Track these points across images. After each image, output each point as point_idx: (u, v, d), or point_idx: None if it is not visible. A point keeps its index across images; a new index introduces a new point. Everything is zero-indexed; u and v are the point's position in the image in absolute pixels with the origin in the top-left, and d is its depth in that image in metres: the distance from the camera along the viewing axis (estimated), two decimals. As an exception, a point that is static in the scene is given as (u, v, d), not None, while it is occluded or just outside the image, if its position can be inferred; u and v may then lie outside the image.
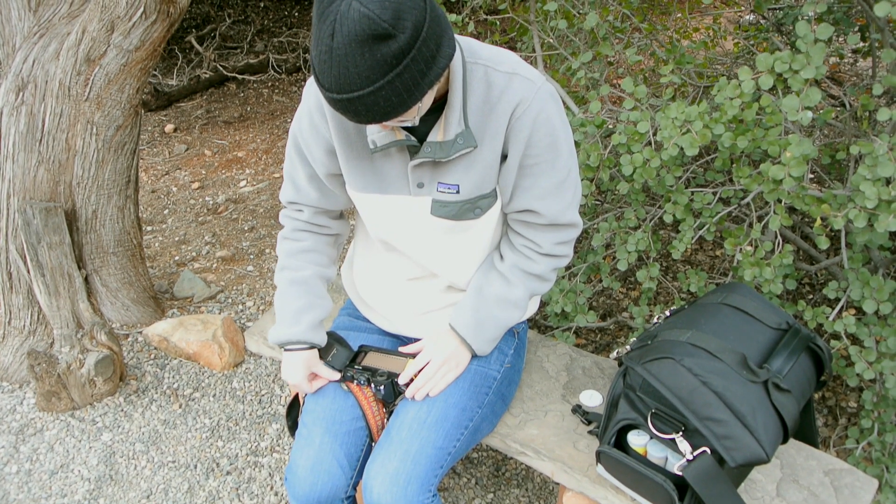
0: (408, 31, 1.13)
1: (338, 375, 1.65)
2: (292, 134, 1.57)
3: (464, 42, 1.41)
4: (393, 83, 1.17)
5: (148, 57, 2.76)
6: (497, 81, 1.39)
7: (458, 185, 1.46)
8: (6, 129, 2.72)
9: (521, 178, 1.48)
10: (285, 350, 1.64)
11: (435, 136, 1.41)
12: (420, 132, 1.43)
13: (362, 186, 1.54)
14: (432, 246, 1.58)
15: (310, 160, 1.57)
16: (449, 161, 1.44)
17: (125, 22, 2.62)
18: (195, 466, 2.45)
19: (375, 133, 1.42)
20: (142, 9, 2.60)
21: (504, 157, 1.47)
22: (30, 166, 2.74)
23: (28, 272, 2.77)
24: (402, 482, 1.46)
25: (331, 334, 1.69)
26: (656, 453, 1.45)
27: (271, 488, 2.35)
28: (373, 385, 1.61)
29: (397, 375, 1.60)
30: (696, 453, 1.38)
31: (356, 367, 1.64)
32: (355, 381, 1.63)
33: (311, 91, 1.51)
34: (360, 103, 1.19)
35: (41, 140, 2.73)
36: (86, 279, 2.90)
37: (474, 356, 1.65)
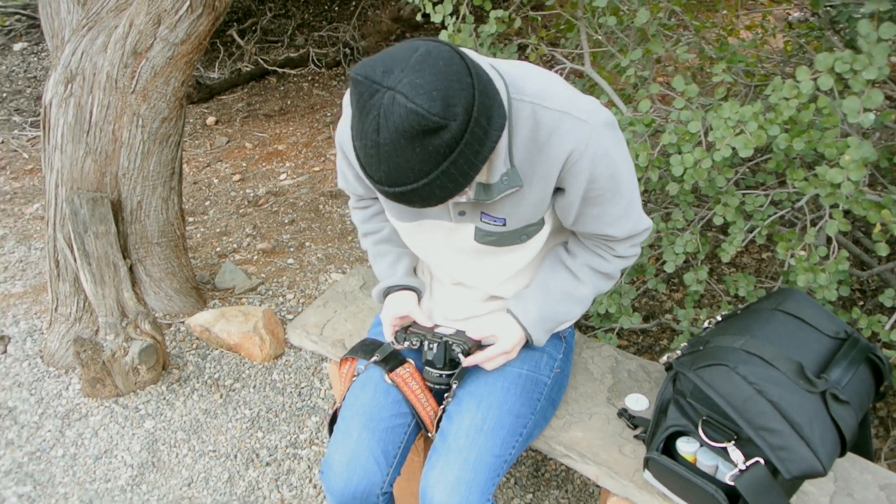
0: (459, 117, 1.08)
1: (430, 322, 1.65)
2: (337, 140, 1.55)
3: (508, 77, 1.31)
4: (447, 171, 1.12)
5: (193, 50, 2.78)
6: (545, 120, 1.30)
7: (506, 220, 1.42)
8: (55, 120, 2.76)
9: (587, 207, 1.41)
10: (388, 296, 1.69)
11: (479, 177, 1.34)
12: None
13: (399, 216, 1.53)
14: (474, 266, 1.56)
15: (354, 167, 1.58)
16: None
17: (171, 15, 2.64)
18: (235, 456, 2.47)
19: None
20: (188, 2, 2.62)
21: (557, 190, 1.41)
22: (77, 157, 2.78)
23: (75, 261, 2.81)
24: (464, 491, 1.44)
25: None
26: (706, 461, 1.42)
27: (310, 480, 2.36)
28: (425, 344, 1.60)
29: (452, 339, 1.58)
30: (748, 463, 1.35)
31: (411, 328, 1.65)
32: (406, 342, 1.63)
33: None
34: (414, 195, 1.15)
35: (88, 131, 2.77)
36: (130, 269, 2.94)
37: (526, 347, 1.64)
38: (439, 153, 1.09)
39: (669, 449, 1.49)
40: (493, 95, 1.16)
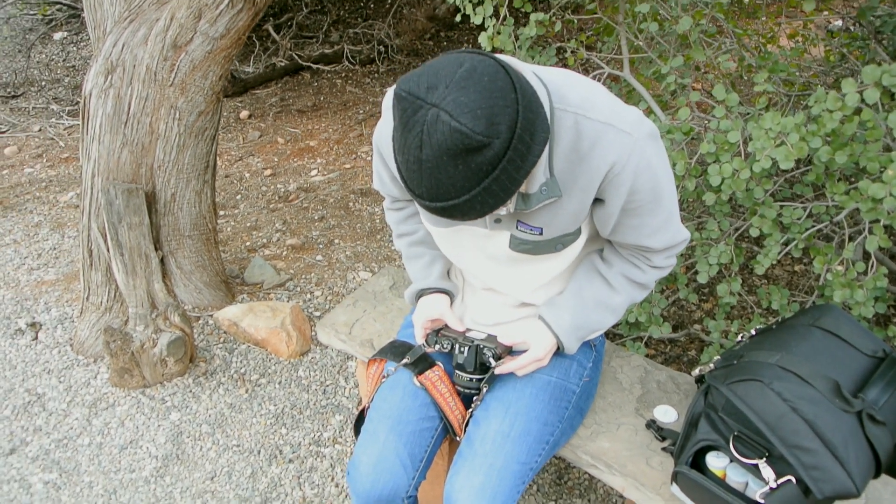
0: (503, 134, 1.07)
1: (462, 326, 1.65)
2: (375, 142, 1.55)
3: (552, 86, 1.30)
4: (489, 188, 1.12)
5: (232, 45, 2.79)
6: (587, 131, 1.29)
7: (542, 229, 1.42)
8: (94, 110, 2.79)
9: (626, 218, 1.40)
10: (421, 298, 1.69)
11: None
12: None
13: (434, 221, 1.53)
14: (507, 273, 1.55)
15: (391, 169, 1.58)
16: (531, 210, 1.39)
17: (212, 10, 2.66)
18: (259, 452, 2.48)
19: None
20: (229, -3, 2.63)
21: (596, 201, 1.40)
22: (114, 148, 2.81)
23: (108, 250, 2.84)
24: (488, 497, 1.43)
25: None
26: (736, 477, 1.40)
27: (332, 479, 2.36)
28: (456, 347, 1.59)
29: (484, 344, 1.57)
30: (780, 481, 1.32)
31: (442, 331, 1.64)
32: (437, 345, 1.62)
33: (390, 112, 1.49)
34: (455, 210, 1.15)
35: (126, 123, 2.80)
36: (161, 260, 2.96)
37: (556, 355, 1.63)
38: (482, 171, 1.09)
39: (698, 463, 1.47)
40: (537, 110, 1.15)
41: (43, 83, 6.37)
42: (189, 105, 2.82)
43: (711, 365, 1.57)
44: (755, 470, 1.36)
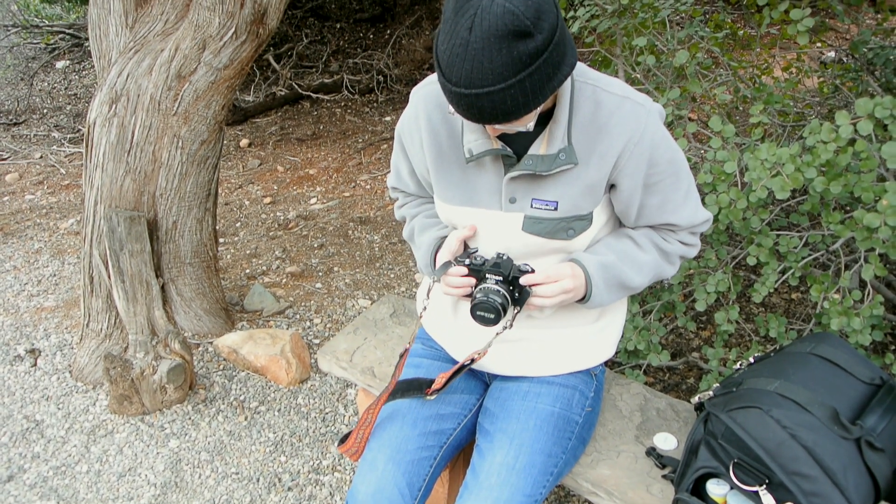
0: (545, 31, 1.15)
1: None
2: (397, 131, 1.61)
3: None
4: (523, 83, 1.18)
5: (235, 76, 2.84)
6: (606, 102, 1.39)
7: (558, 202, 1.44)
8: (98, 139, 2.82)
9: (649, 196, 1.46)
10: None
11: (537, 149, 1.40)
12: (517, 147, 1.43)
13: (450, 198, 1.54)
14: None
15: (410, 159, 1.62)
16: (548, 176, 1.42)
17: (216, 41, 2.71)
18: (258, 480, 2.47)
19: (472, 142, 1.42)
20: (233, 29, 2.68)
21: (612, 187, 1.45)
22: (117, 175, 2.84)
23: (109, 277, 2.85)
24: None
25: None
26: (737, 505, 1.41)
27: (331, 507, 2.36)
28: (494, 255, 1.51)
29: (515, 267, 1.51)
30: (780, 508, 1.33)
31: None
32: (468, 260, 1.51)
33: (417, 97, 1.53)
34: (486, 100, 1.19)
35: (130, 151, 2.83)
36: (162, 287, 2.98)
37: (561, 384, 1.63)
38: (521, 60, 1.16)
39: (699, 490, 1.48)
40: (570, 38, 1.24)
41: (45, 111, 6.43)
42: (192, 134, 2.85)
43: (710, 392, 1.58)
44: (755, 497, 1.37)
